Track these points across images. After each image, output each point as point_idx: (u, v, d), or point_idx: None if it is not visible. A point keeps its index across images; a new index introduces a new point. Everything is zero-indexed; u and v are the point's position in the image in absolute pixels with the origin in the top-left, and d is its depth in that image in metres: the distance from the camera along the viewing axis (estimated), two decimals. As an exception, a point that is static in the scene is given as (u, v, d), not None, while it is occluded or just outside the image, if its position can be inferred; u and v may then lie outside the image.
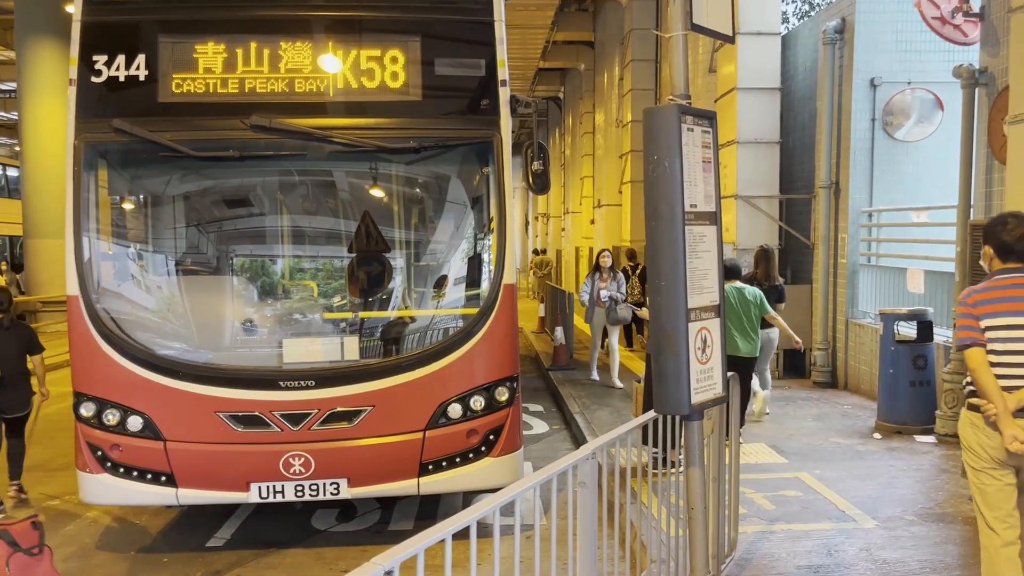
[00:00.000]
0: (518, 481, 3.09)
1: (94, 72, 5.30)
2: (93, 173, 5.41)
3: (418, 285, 6.23)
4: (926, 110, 9.92)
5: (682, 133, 3.33)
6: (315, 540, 5.86)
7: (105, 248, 5.60)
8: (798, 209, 11.47)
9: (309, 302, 6.01)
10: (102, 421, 5.28)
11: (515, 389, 5.63)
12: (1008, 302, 3.68)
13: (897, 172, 10.12)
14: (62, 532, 6.12)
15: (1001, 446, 3.63)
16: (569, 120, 29.87)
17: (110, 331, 5.24)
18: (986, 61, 7.61)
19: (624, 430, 3.84)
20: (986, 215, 7.44)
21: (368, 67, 5.41)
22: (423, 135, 5.53)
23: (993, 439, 3.68)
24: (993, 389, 3.59)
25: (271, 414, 5.23)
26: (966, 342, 3.70)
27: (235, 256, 6.24)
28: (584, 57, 24.24)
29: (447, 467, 5.46)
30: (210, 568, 5.40)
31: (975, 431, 3.76)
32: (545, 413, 10.03)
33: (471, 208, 6.10)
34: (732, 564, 4.89)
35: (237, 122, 5.29)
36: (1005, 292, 3.71)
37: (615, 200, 19.87)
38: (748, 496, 6.04)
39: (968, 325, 3.71)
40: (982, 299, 3.73)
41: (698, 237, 3.45)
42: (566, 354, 12.59)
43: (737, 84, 11.16)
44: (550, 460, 7.47)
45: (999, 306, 3.68)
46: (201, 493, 5.34)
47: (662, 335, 3.41)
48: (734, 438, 4.90)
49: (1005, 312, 3.67)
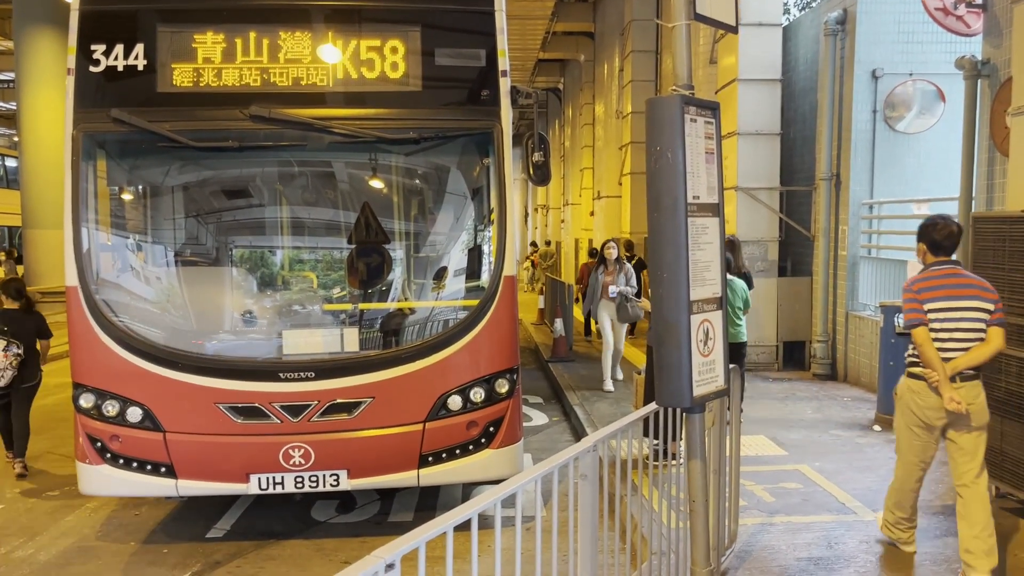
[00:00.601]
0: (520, 474, 3.08)
1: (92, 61, 5.27)
2: (92, 163, 5.38)
3: (418, 276, 6.21)
4: (928, 102, 9.89)
5: (685, 124, 3.30)
6: (315, 531, 5.86)
7: (104, 239, 5.57)
8: (799, 201, 11.45)
9: (309, 293, 5.99)
10: (101, 412, 5.27)
11: (515, 381, 5.62)
12: (944, 289, 4.51)
13: (898, 164, 10.09)
14: (62, 523, 6.12)
15: (937, 407, 4.47)
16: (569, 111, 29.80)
17: (109, 322, 5.22)
18: (989, 52, 7.58)
19: (625, 423, 3.83)
20: (988, 207, 7.43)
21: (368, 57, 5.38)
22: (423, 126, 5.50)
23: (929, 401, 4.52)
24: (937, 360, 4.41)
25: (271, 405, 5.22)
26: (914, 322, 4.50)
27: (234, 247, 6.22)
28: (584, 48, 24.17)
29: (447, 459, 5.46)
30: (210, 559, 5.40)
31: (914, 395, 4.62)
32: (544, 405, 10.03)
33: (471, 199, 6.07)
34: (732, 556, 4.90)
35: (236, 112, 5.26)
36: (941, 281, 4.54)
37: (615, 192, 19.84)
38: (748, 488, 6.04)
39: (914, 308, 4.52)
40: (924, 287, 4.55)
41: (700, 229, 3.44)
42: (565, 346, 12.58)
43: (738, 75, 11.12)
44: (550, 452, 7.49)
45: (937, 292, 4.51)
46: (201, 484, 5.33)
47: (664, 327, 3.40)
48: (735, 429, 4.89)
49: (943, 297, 4.49)
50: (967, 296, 4.49)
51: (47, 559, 5.47)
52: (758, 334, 11.15)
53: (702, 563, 3.70)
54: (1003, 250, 5.57)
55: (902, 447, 4.82)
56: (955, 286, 4.51)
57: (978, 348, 4.46)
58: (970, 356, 4.45)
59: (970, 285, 4.53)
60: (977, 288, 4.52)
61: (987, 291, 4.52)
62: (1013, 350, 5.45)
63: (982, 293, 4.50)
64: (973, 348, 4.46)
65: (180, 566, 5.31)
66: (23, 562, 5.43)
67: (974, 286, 4.52)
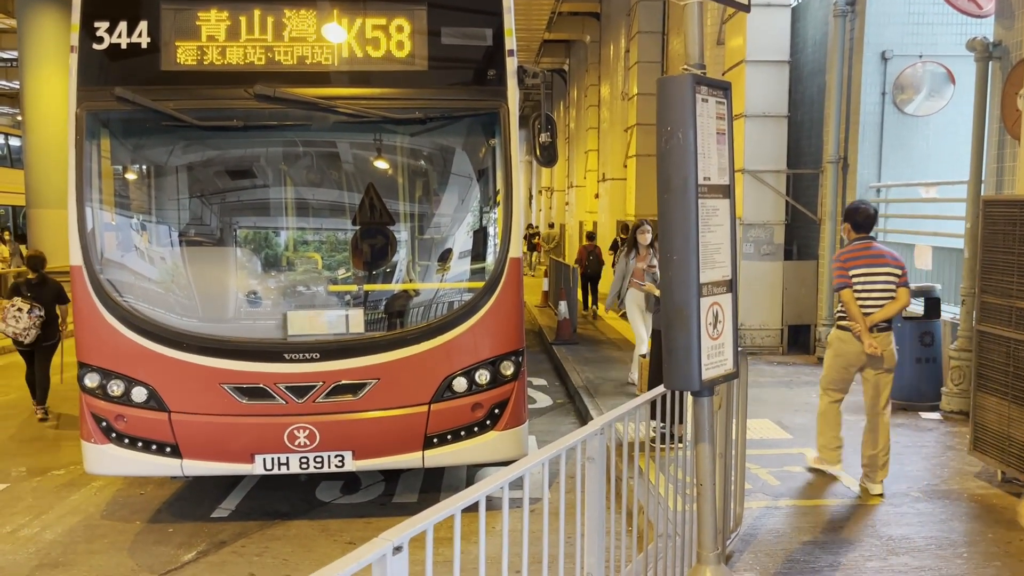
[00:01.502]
0: (527, 456, 3.06)
1: (95, 39, 5.22)
2: (95, 142, 5.35)
3: (423, 258, 6.18)
4: (937, 84, 9.79)
5: (696, 104, 3.26)
6: (319, 512, 5.87)
7: (108, 218, 5.55)
8: (805, 184, 11.38)
9: (314, 274, 5.97)
10: (107, 392, 5.26)
11: (520, 363, 5.60)
12: (863, 259, 5.66)
13: (906, 147, 10.02)
14: (67, 502, 6.14)
15: (859, 351, 5.63)
16: (574, 93, 29.64)
17: (114, 302, 5.21)
18: (1000, 34, 7.49)
19: (632, 406, 3.82)
20: (998, 191, 7.37)
21: (373, 36, 5.32)
22: (429, 105, 5.45)
23: (852, 347, 5.67)
24: (859, 315, 5.58)
25: (276, 386, 5.21)
26: (841, 285, 5.66)
27: (239, 227, 6.19)
28: (590, 29, 23.99)
29: (452, 440, 5.45)
30: (215, 538, 5.42)
31: (841, 343, 5.78)
32: (549, 387, 10.03)
33: (477, 180, 6.03)
34: (737, 539, 4.89)
35: (241, 91, 5.22)
36: (861, 253, 5.69)
37: (620, 174, 19.75)
38: (753, 472, 6.04)
39: (842, 274, 5.67)
40: (849, 257, 5.71)
41: (711, 210, 3.40)
42: (570, 328, 12.56)
43: (746, 57, 11.03)
44: (554, 434, 7.49)
45: (859, 262, 5.66)
46: (206, 464, 5.34)
47: (673, 310, 3.37)
48: (741, 413, 4.87)
49: (862, 266, 5.64)
50: (880, 264, 5.63)
51: (53, 537, 5.49)
52: (763, 318, 11.13)
53: (708, 546, 3.69)
54: (1013, 234, 5.52)
55: (827, 382, 5.97)
56: (871, 257, 5.65)
57: (890, 305, 5.60)
58: (884, 311, 5.59)
59: (882, 255, 5.67)
60: (888, 258, 5.66)
61: (896, 260, 5.67)
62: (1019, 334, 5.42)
63: (891, 262, 5.65)
64: (886, 305, 5.59)
65: (185, 545, 5.32)
66: (29, 540, 5.45)
67: (885, 256, 5.67)
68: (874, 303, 5.58)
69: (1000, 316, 5.64)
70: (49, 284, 8.35)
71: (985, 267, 5.81)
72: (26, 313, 8.00)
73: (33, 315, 8.04)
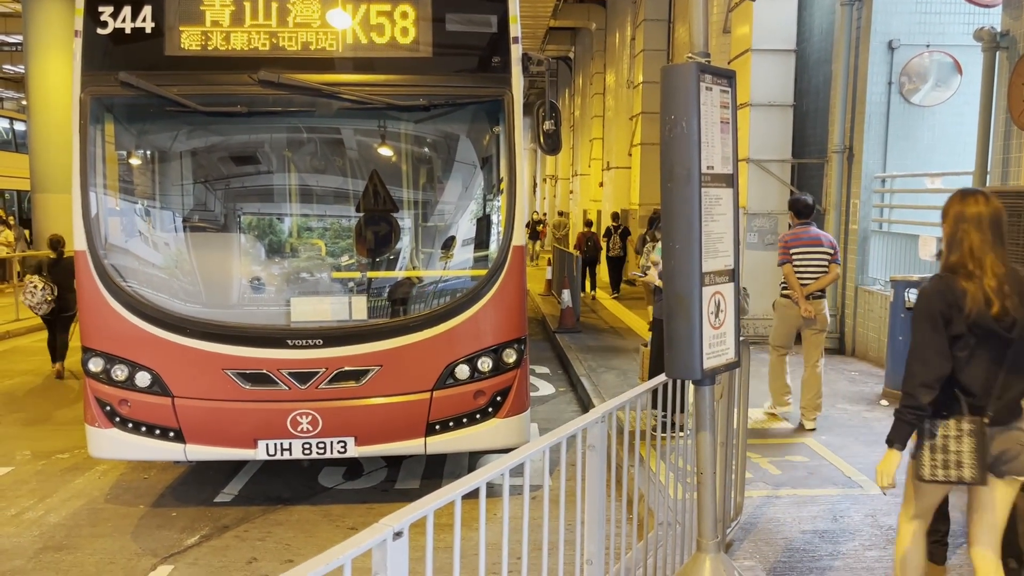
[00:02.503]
0: (528, 443, 3.07)
1: (100, 24, 5.22)
2: (99, 127, 5.35)
3: (426, 245, 6.19)
4: (944, 74, 9.74)
5: (700, 92, 3.25)
6: (322, 497, 5.90)
7: (112, 203, 5.56)
8: (810, 174, 11.34)
9: (317, 261, 5.98)
10: (111, 377, 5.28)
11: (523, 351, 5.61)
12: (803, 241, 6.91)
13: (912, 137, 9.97)
14: (71, 485, 6.18)
15: (797, 315, 6.93)
16: (579, 81, 29.54)
17: (118, 287, 5.22)
18: (1008, 24, 7.45)
19: (634, 394, 3.82)
20: (1003, 182, 7.34)
21: (378, 22, 5.31)
22: (433, 92, 5.44)
23: (793, 311, 6.97)
24: (798, 286, 6.84)
25: (279, 372, 5.23)
26: (783, 261, 6.95)
27: (243, 213, 6.19)
28: (596, 16, 23.89)
29: (454, 427, 5.47)
30: (218, 523, 5.45)
31: (784, 308, 7.08)
32: (551, 375, 10.04)
33: (481, 168, 6.02)
34: (737, 528, 4.91)
35: (245, 77, 5.21)
36: (802, 233, 6.97)
37: (624, 163, 19.71)
38: (754, 461, 6.05)
39: (784, 252, 6.95)
40: (791, 239, 6.99)
41: (714, 200, 3.39)
42: (573, 317, 12.57)
43: (751, 45, 10.98)
44: (556, 422, 7.50)
45: (799, 243, 6.91)
46: (209, 449, 5.36)
47: (675, 299, 3.37)
48: (743, 402, 4.88)
49: (802, 246, 6.89)
50: (816, 245, 6.88)
51: (57, 521, 5.53)
52: (766, 307, 11.10)
53: (708, 534, 3.70)
54: (1018, 225, 5.51)
55: (774, 340, 7.29)
56: (809, 238, 6.92)
57: (823, 278, 6.87)
58: (818, 283, 6.87)
59: (818, 237, 6.95)
60: (823, 240, 6.95)
61: (830, 242, 6.97)
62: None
63: (826, 243, 6.92)
64: (820, 278, 6.85)
65: (189, 529, 5.36)
66: (33, 523, 5.48)
67: (821, 238, 6.96)
68: (811, 276, 6.86)
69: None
70: (64, 264, 9.11)
71: (989, 258, 5.79)
72: (40, 290, 9.13)
73: (46, 292, 9.16)
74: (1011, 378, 3.19)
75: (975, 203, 3.20)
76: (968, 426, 3.16)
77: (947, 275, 3.20)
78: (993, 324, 3.11)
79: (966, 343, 3.15)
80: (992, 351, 3.16)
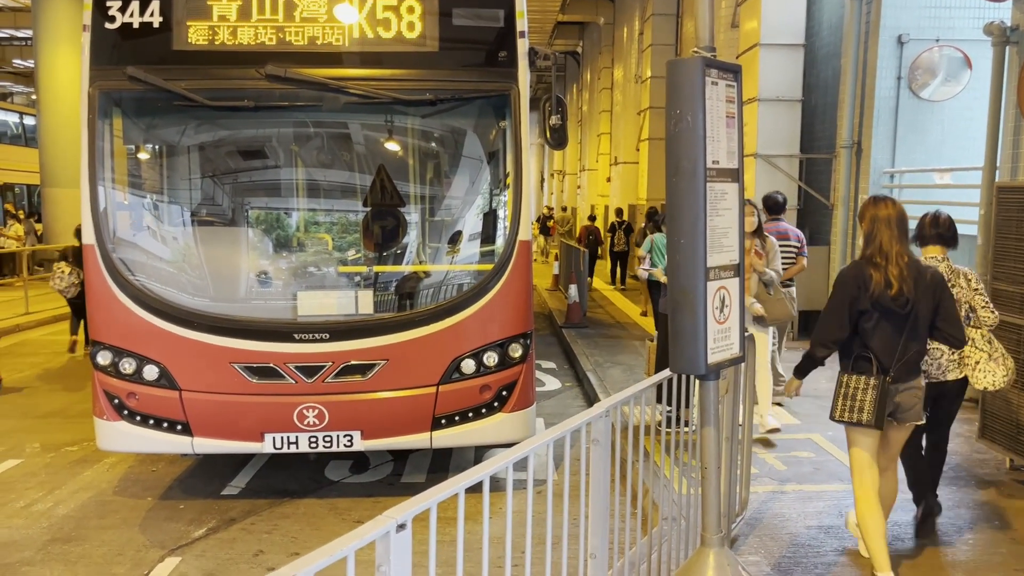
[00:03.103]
0: (532, 437, 3.08)
1: (108, 18, 5.24)
2: (108, 121, 5.37)
3: (433, 240, 6.20)
4: (954, 68, 9.68)
5: (706, 87, 3.24)
6: (328, 491, 5.92)
7: (121, 198, 5.58)
8: (818, 169, 11.30)
9: (324, 255, 5.99)
10: (118, 370, 5.31)
11: (529, 346, 5.62)
12: (773, 234, 6.92)
13: (921, 132, 9.92)
14: (80, 478, 6.22)
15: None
16: (587, 75, 29.48)
17: (126, 280, 5.25)
18: (1018, 19, 7.40)
19: (639, 388, 3.83)
20: (1012, 177, 7.30)
21: (385, 17, 5.32)
22: (440, 87, 5.45)
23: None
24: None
25: (286, 366, 5.25)
26: None
27: (250, 207, 6.21)
28: (604, 10, 23.84)
29: (460, 422, 5.48)
30: (225, 516, 5.48)
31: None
32: (557, 370, 10.05)
33: (487, 163, 6.03)
34: (743, 523, 4.91)
35: (252, 71, 5.23)
36: (772, 230, 7.09)
37: (632, 158, 19.68)
38: (760, 456, 6.05)
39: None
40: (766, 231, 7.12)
41: (719, 194, 3.39)
42: (579, 312, 12.57)
43: (760, 40, 10.94)
44: (562, 417, 7.51)
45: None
46: (216, 442, 5.39)
47: (679, 293, 3.37)
48: (749, 398, 4.88)
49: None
50: (784, 239, 7.25)
51: (65, 512, 5.57)
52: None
53: (713, 529, 3.71)
54: (1027, 221, 5.48)
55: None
56: (778, 233, 7.21)
57: (791, 268, 7.29)
58: (786, 273, 7.03)
59: (786, 232, 7.43)
60: (790, 233, 7.47)
61: (797, 236, 7.54)
62: (1033, 322, 5.40)
63: (792, 238, 7.45)
64: (788, 268, 7.17)
65: (196, 522, 5.39)
66: (42, 515, 5.53)
67: (789, 232, 7.48)
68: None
69: (1012, 303, 5.61)
70: None
71: (998, 254, 5.77)
72: (68, 275, 10.09)
73: (72, 276, 10.05)
74: (909, 344, 3.99)
75: (885, 207, 4.03)
76: (873, 382, 3.95)
77: (862, 262, 3.99)
78: (891, 303, 3.90)
79: (871, 315, 3.96)
80: (892, 323, 3.96)
